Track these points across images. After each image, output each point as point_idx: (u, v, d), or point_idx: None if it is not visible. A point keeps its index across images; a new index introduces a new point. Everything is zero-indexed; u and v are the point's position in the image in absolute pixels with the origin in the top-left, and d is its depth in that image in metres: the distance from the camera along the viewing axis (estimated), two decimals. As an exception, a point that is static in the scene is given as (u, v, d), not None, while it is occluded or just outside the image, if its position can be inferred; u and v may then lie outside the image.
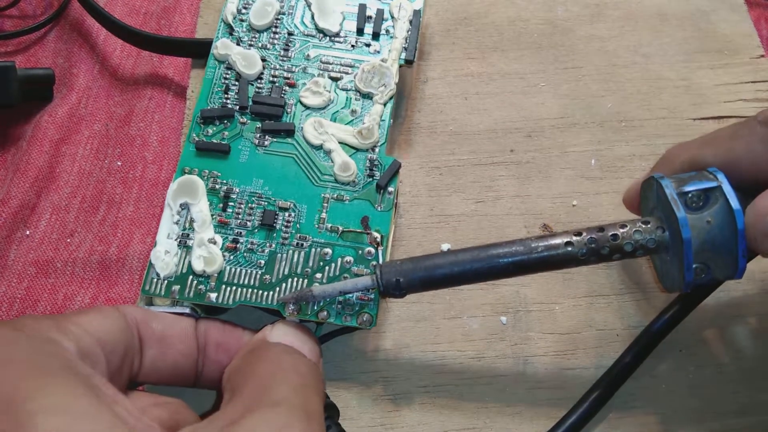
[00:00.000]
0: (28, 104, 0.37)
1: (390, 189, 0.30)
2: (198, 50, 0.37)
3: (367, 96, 0.32)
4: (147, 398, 0.22)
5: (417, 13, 0.34)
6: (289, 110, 0.32)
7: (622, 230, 0.25)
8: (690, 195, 0.24)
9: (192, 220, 0.29)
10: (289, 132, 0.31)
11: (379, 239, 0.29)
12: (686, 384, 0.30)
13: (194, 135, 0.31)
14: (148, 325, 0.24)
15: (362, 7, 0.34)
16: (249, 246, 0.29)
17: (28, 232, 0.34)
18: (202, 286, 0.28)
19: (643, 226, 0.25)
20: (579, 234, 0.25)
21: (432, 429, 0.29)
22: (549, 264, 0.25)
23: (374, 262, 0.28)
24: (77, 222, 0.34)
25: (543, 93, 0.37)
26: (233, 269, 0.28)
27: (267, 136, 0.31)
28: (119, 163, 0.36)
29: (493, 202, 0.34)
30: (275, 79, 0.32)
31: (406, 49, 0.33)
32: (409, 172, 0.35)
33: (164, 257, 0.28)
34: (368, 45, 0.33)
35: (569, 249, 0.25)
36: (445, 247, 0.33)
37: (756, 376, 0.30)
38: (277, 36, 0.34)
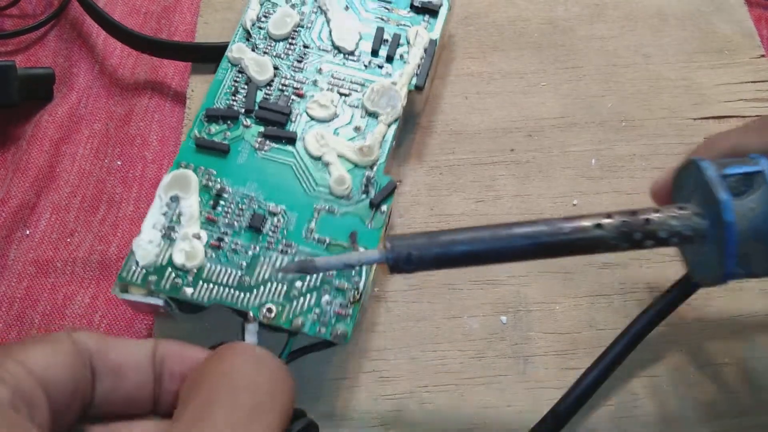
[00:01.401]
0: (28, 104, 0.37)
1: (383, 208, 0.30)
2: (198, 54, 0.37)
3: (373, 115, 0.32)
4: None
5: (433, 43, 0.34)
6: (293, 119, 0.32)
7: (655, 215, 0.23)
8: (732, 179, 0.22)
9: (180, 214, 0.29)
10: (291, 140, 0.31)
11: None
12: (686, 384, 0.30)
13: (196, 131, 0.31)
14: (101, 356, 0.22)
15: (380, 30, 0.34)
16: (233, 246, 0.28)
17: (28, 232, 0.34)
18: (179, 280, 0.28)
19: (679, 212, 0.23)
20: (609, 216, 0.23)
21: (432, 429, 0.29)
22: (575, 247, 0.23)
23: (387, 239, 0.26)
24: (77, 221, 0.34)
25: (543, 93, 0.37)
26: (213, 267, 0.28)
27: (268, 142, 0.31)
28: (119, 163, 0.36)
29: (494, 201, 0.34)
30: (285, 88, 0.33)
31: (417, 74, 0.33)
32: (409, 171, 0.35)
33: (146, 246, 0.28)
34: (381, 67, 0.33)
35: (598, 232, 0.23)
36: (446, 246, 0.33)
37: (756, 376, 0.30)
38: (292, 47, 0.34)
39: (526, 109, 0.37)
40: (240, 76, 0.33)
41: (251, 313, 0.26)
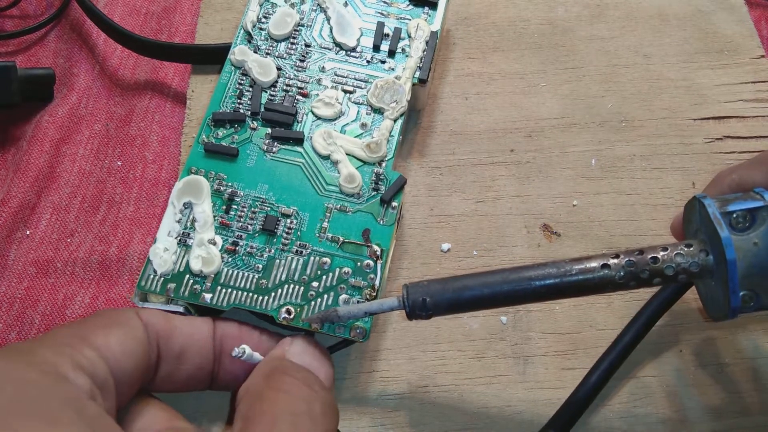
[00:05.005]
0: (28, 104, 0.37)
1: (394, 204, 0.30)
2: (197, 56, 0.37)
3: (379, 111, 0.32)
4: (158, 423, 0.22)
5: (434, 35, 0.34)
6: (300, 119, 0.32)
7: (662, 253, 0.23)
8: (735, 215, 0.23)
9: (194, 220, 0.29)
10: (299, 140, 0.31)
11: (378, 253, 0.29)
12: (687, 384, 0.30)
13: (204, 136, 0.31)
14: (168, 340, 0.24)
15: (380, 25, 0.34)
16: (248, 249, 0.29)
17: (28, 232, 0.34)
18: (197, 286, 0.28)
19: (686, 249, 0.24)
20: (616, 256, 0.24)
21: (432, 429, 0.29)
22: (584, 288, 0.24)
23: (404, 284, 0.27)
24: (77, 222, 0.34)
25: (543, 93, 0.37)
26: (230, 271, 0.28)
27: (276, 143, 0.31)
28: (119, 163, 0.36)
29: (493, 201, 0.34)
30: (289, 88, 0.33)
31: (420, 68, 0.33)
32: (409, 172, 0.35)
33: (163, 254, 0.28)
34: (383, 62, 0.33)
35: (606, 272, 0.23)
36: (446, 247, 0.33)
37: (757, 375, 0.30)
38: (294, 46, 0.34)
39: (526, 110, 0.37)
40: (244, 78, 0.33)
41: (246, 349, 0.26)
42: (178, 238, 0.29)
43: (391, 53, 0.34)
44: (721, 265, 0.23)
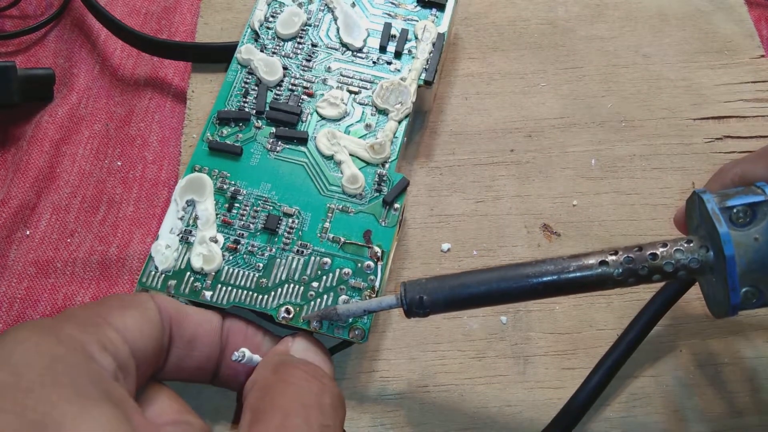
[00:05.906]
0: (28, 104, 0.37)
1: (396, 205, 0.30)
2: (201, 54, 0.37)
3: (383, 112, 0.32)
4: (169, 413, 0.22)
5: (441, 36, 0.34)
6: (304, 119, 0.32)
7: (662, 249, 0.23)
8: (735, 210, 0.22)
9: (196, 218, 0.29)
10: (302, 140, 0.31)
11: (379, 254, 0.29)
12: (686, 384, 0.30)
13: (208, 134, 0.31)
14: (180, 326, 0.24)
15: (387, 26, 0.34)
16: (249, 248, 0.29)
17: (28, 232, 0.34)
18: (198, 284, 0.28)
19: (686, 245, 0.23)
20: (615, 253, 0.23)
21: (432, 429, 0.29)
22: (582, 285, 0.24)
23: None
24: (77, 222, 0.34)
25: (543, 93, 0.37)
26: (231, 270, 0.28)
27: (280, 142, 0.31)
28: (119, 163, 0.36)
29: (493, 202, 0.34)
30: (294, 88, 0.33)
31: (426, 69, 0.33)
32: (409, 172, 0.35)
33: (164, 251, 0.28)
34: (389, 63, 0.33)
35: (604, 269, 0.23)
36: (446, 247, 0.33)
37: (756, 376, 0.30)
38: (301, 46, 0.34)
39: (526, 110, 0.37)
40: (250, 77, 0.33)
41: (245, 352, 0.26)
42: (180, 236, 0.29)
43: (398, 54, 0.34)
44: (720, 261, 0.23)
